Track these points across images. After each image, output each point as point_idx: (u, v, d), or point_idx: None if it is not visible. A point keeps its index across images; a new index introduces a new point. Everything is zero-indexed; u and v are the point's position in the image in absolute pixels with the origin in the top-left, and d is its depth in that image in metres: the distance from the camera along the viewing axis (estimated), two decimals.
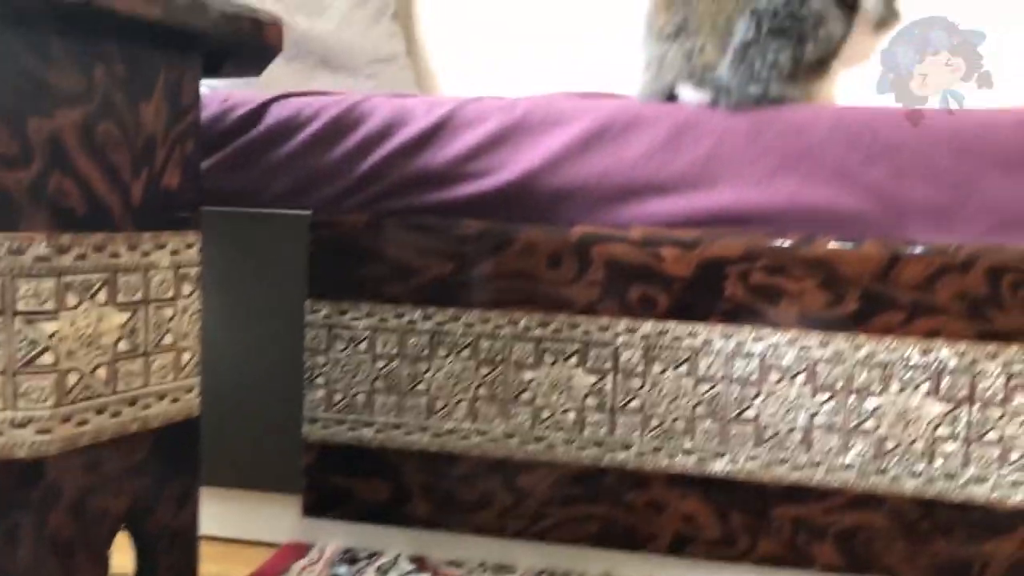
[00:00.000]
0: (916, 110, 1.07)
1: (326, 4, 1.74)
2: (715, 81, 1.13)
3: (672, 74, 1.18)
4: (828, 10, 1.14)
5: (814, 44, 1.13)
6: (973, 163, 1.06)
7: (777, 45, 1.11)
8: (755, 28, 1.12)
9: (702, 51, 1.15)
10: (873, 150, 1.07)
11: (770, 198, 1.09)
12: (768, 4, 1.12)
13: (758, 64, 1.11)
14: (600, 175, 1.13)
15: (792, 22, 1.12)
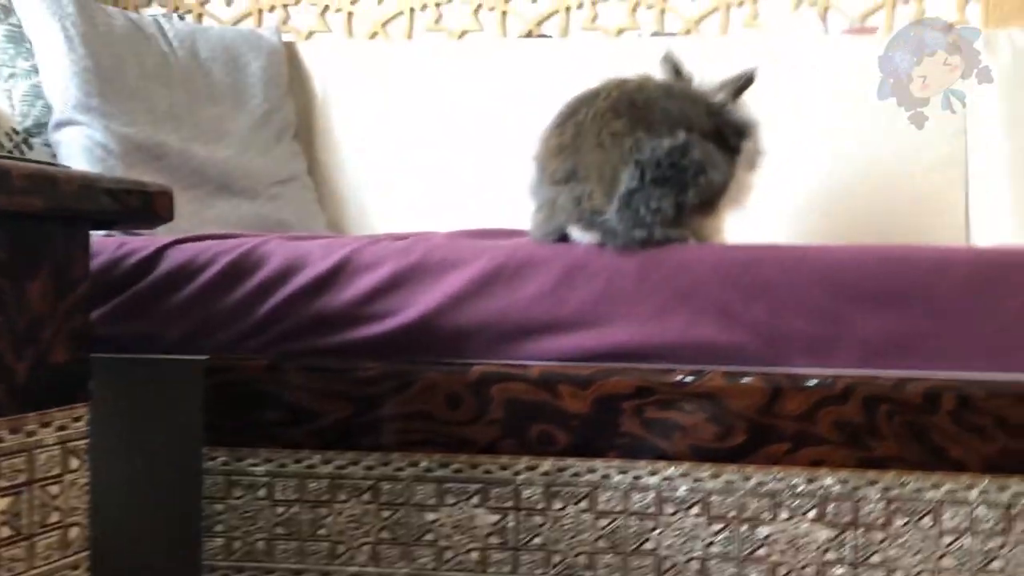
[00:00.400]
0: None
1: (225, 131, 1.75)
2: (603, 225, 1.17)
3: (563, 216, 1.22)
4: (709, 158, 1.21)
5: (696, 190, 1.19)
6: (845, 299, 1.12)
7: (660, 193, 1.16)
8: (639, 178, 1.17)
9: (591, 197, 1.19)
10: (753, 288, 1.13)
11: (660, 335, 1.14)
12: (651, 155, 1.17)
13: (643, 210, 1.16)
14: (497, 315, 1.15)
15: (674, 172, 1.17)
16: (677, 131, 1.20)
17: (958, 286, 1.10)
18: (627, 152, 1.18)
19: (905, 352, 1.11)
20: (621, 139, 1.19)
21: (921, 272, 1.11)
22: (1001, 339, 1.10)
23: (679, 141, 1.19)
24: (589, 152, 1.20)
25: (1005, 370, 1.10)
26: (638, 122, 1.20)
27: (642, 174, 1.16)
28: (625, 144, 1.19)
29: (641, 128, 1.20)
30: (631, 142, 1.19)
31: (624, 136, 1.19)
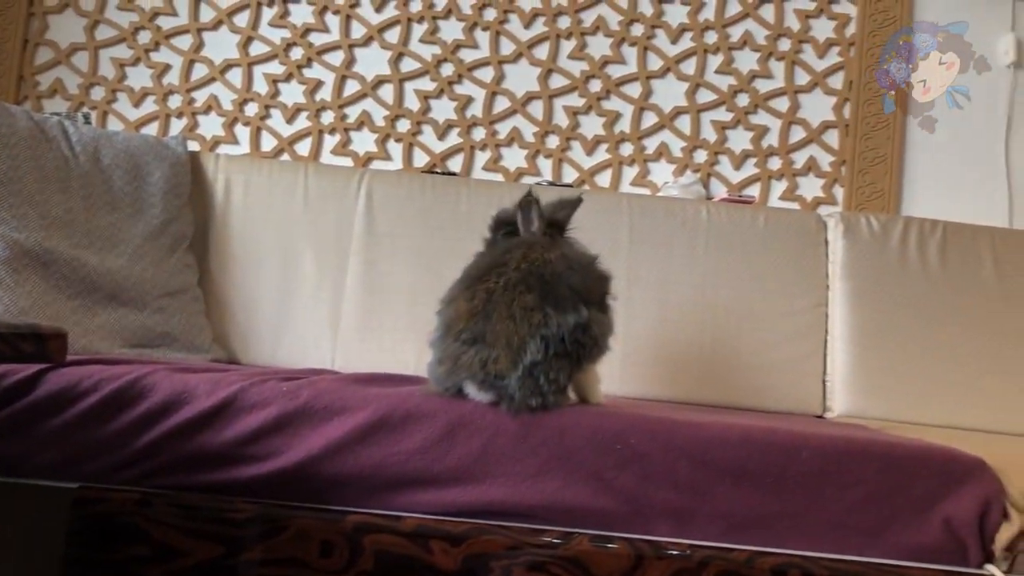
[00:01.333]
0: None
1: (119, 239, 1.74)
2: (504, 389, 1.22)
3: (465, 373, 1.25)
4: (603, 330, 1.30)
5: (589, 362, 1.28)
6: (709, 473, 1.19)
7: (559, 365, 1.23)
8: (543, 351, 1.22)
9: (496, 361, 1.23)
10: (624, 456, 1.19)
11: (534, 496, 1.18)
12: (557, 330, 1.23)
13: (542, 380, 1.21)
14: (377, 465, 1.17)
15: (575, 347, 1.24)
16: (580, 307, 1.26)
17: (806, 471, 1.19)
18: (535, 326, 1.23)
19: (759, 528, 1.19)
20: (530, 313, 1.24)
21: (777, 453, 1.20)
22: (843, 522, 1.18)
23: (582, 318, 1.25)
24: (499, 321, 1.24)
25: (846, 552, 1.18)
26: (546, 297, 1.26)
27: (547, 348, 1.22)
28: (534, 318, 1.23)
29: (549, 304, 1.25)
30: (540, 316, 1.23)
31: (533, 310, 1.24)
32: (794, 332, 2.00)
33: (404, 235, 2.00)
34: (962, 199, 2.48)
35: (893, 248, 2.04)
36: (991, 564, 1.18)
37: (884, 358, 1.97)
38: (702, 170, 2.48)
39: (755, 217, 2.06)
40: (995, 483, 1.19)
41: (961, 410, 1.92)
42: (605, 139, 2.47)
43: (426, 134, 2.47)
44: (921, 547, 1.18)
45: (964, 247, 2.05)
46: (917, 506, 1.19)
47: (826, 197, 2.49)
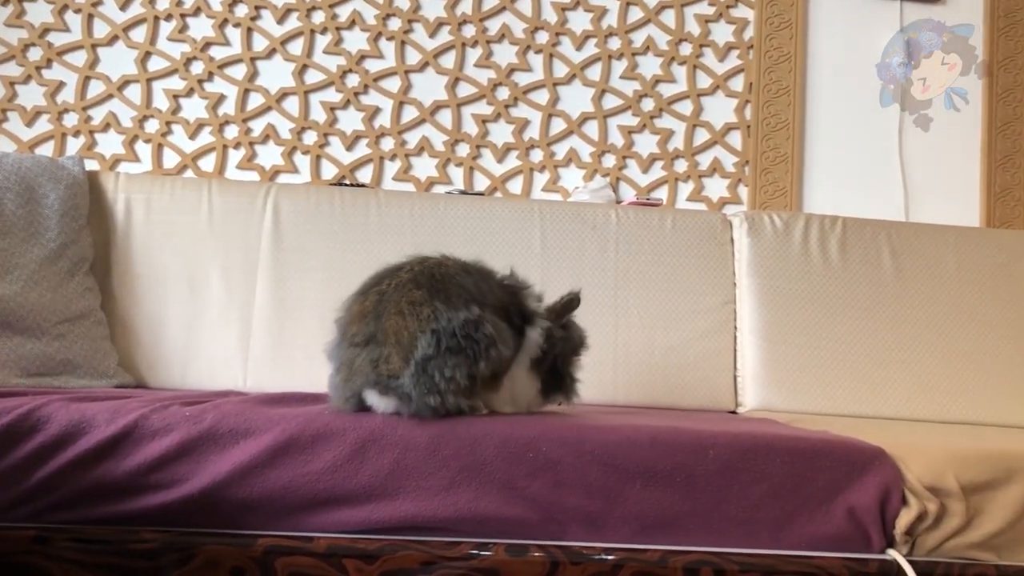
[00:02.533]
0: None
1: (12, 265, 1.67)
2: (399, 390, 1.22)
3: (360, 379, 1.25)
4: (500, 333, 1.29)
5: (487, 362, 1.27)
6: (619, 476, 1.21)
7: (454, 362, 1.22)
8: (435, 345, 1.22)
9: (387, 360, 1.23)
10: (536, 464, 1.20)
11: (447, 508, 1.17)
12: (448, 324, 1.24)
13: (437, 376, 1.21)
14: (287, 487, 1.15)
15: (468, 342, 1.24)
16: (471, 305, 1.28)
17: (713, 469, 1.21)
18: (424, 320, 1.23)
19: (670, 528, 1.21)
20: (419, 307, 1.25)
21: (685, 453, 1.22)
22: (751, 517, 1.21)
23: (472, 315, 1.26)
24: (389, 319, 1.25)
25: (754, 546, 1.21)
26: (436, 293, 1.27)
27: (438, 342, 1.22)
28: (423, 312, 1.24)
29: (439, 299, 1.26)
30: (429, 310, 1.24)
31: (422, 305, 1.25)
32: (705, 330, 2.04)
33: (314, 250, 1.97)
34: (861, 195, 2.57)
35: (796, 244, 2.10)
36: (892, 549, 1.22)
37: (791, 352, 2.02)
38: (611, 174, 2.51)
39: (663, 219, 2.10)
40: (894, 471, 1.23)
41: (865, 399, 1.99)
42: (515, 146, 2.48)
43: (334, 146, 2.44)
44: (826, 536, 1.22)
45: (863, 241, 2.12)
46: (821, 497, 1.22)
47: (731, 197, 2.54)
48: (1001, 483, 1.21)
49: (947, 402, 2.02)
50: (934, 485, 1.21)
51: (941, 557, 1.22)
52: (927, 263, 2.12)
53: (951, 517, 1.20)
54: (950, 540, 1.21)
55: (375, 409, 1.26)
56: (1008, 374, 2.06)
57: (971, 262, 2.14)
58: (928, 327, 2.08)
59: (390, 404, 1.24)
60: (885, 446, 1.27)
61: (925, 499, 1.20)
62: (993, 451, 1.25)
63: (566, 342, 1.43)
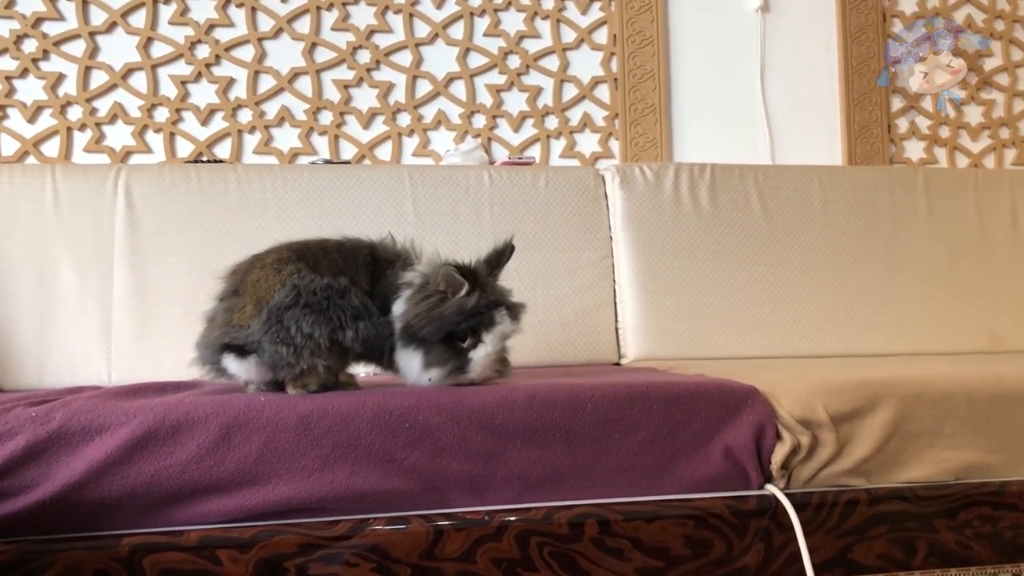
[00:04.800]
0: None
1: None
2: (250, 340, 1.22)
3: (218, 331, 1.26)
4: (367, 310, 1.28)
5: (354, 333, 1.25)
6: (498, 438, 1.20)
7: (314, 319, 1.22)
8: (293, 297, 1.23)
9: (242, 309, 1.25)
10: (414, 434, 1.17)
11: (324, 487, 1.14)
12: (309, 284, 1.24)
13: (293, 329, 1.21)
14: (150, 481, 1.10)
15: (331, 305, 1.24)
16: (339, 276, 1.27)
17: (591, 422, 1.22)
18: (287, 275, 1.25)
19: (554, 484, 1.21)
20: (284, 264, 1.27)
21: (563, 409, 1.22)
22: (631, 466, 1.23)
23: (339, 284, 1.26)
24: (252, 272, 1.28)
25: (637, 494, 1.23)
26: (304, 258, 1.28)
27: (297, 295, 1.23)
28: (286, 268, 1.26)
29: (305, 262, 1.27)
30: (293, 267, 1.26)
31: (288, 263, 1.27)
32: (584, 285, 2.06)
33: (173, 231, 1.89)
34: (728, 142, 2.63)
35: (667, 194, 2.13)
36: (770, 484, 1.25)
37: (669, 301, 2.06)
38: (482, 135, 2.49)
39: (536, 177, 2.10)
40: (767, 408, 1.26)
41: (741, 341, 2.05)
42: (380, 111, 2.43)
43: (188, 121, 2.33)
44: (706, 478, 1.24)
45: (732, 187, 2.17)
46: (698, 440, 1.25)
47: (603, 151, 2.56)
48: (867, 410, 1.26)
49: (819, 337, 2.10)
50: (805, 418, 1.25)
51: (816, 487, 1.26)
52: (794, 204, 2.19)
53: (823, 447, 1.24)
54: (823, 470, 1.25)
55: (237, 377, 1.27)
56: (874, 306, 2.15)
57: (835, 200, 2.21)
58: (798, 266, 2.15)
59: (249, 367, 1.24)
60: (757, 384, 1.30)
61: (798, 432, 1.24)
62: (859, 380, 1.29)
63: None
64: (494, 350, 1.30)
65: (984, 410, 1.31)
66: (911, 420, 1.28)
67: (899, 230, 2.22)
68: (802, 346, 2.08)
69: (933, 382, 1.31)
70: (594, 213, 2.11)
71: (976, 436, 1.31)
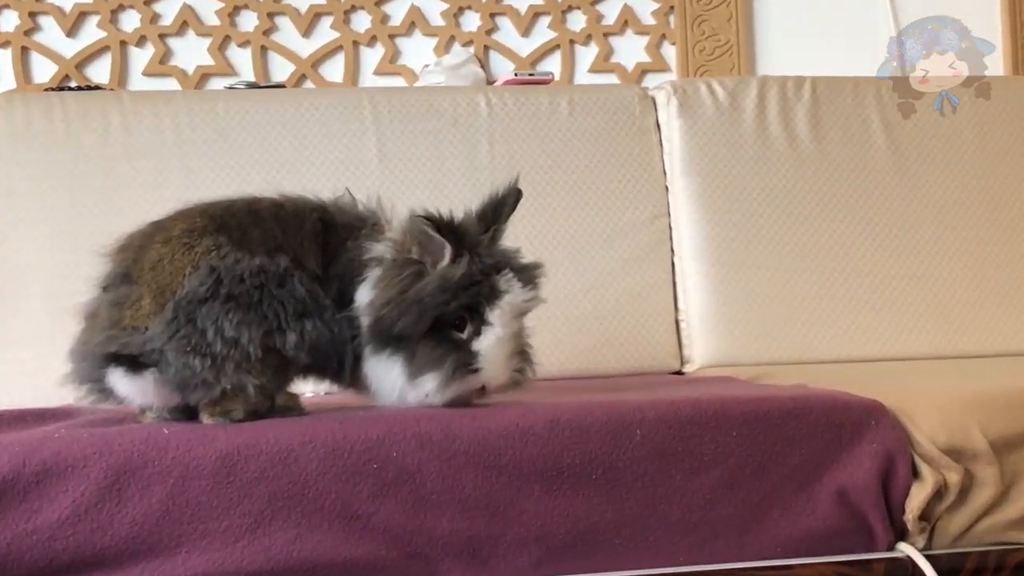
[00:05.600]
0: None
1: None
2: (147, 348, 1.22)
3: (101, 334, 1.25)
4: (316, 302, 1.28)
5: (299, 338, 1.26)
6: (508, 482, 1.20)
7: (240, 318, 1.22)
8: (211, 286, 1.22)
9: (137, 303, 1.24)
10: (385, 478, 1.18)
11: (256, 557, 1.15)
12: (234, 266, 1.24)
13: (211, 333, 1.21)
14: (4, 555, 1.11)
15: (264, 297, 1.24)
16: (277, 256, 1.27)
17: (642, 458, 1.22)
18: (201, 253, 1.24)
19: (589, 547, 1.22)
20: (198, 238, 1.26)
21: (600, 439, 1.22)
22: (703, 519, 1.23)
23: (278, 267, 1.26)
24: (152, 249, 1.26)
25: (712, 558, 1.24)
26: (226, 230, 1.28)
27: (217, 282, 1.22)
28: (201, 244, 1.26)
29: (227, 234, 1.27)
30: (211, 242, 1.26)
31: (202, 236, 1.26)
32: (628, 259, 2.07)
33: (28, 191, 1.90)
34: (835, 47, 2.62)
35: (748, 123, 2.14)
36: (904, 541, 1.26)
37: (751, 281, 2.06)
38: (476, 42, 2.48)
39: (555, 102, 2.10)
40: (897, 432, 1.26)
41: (858, 335, 2.05)
42: (326, 9, 2.43)
43: (48, 31, 2.34)
44: (811, 533, 1.25)
45: (844, 110, 2.18)
46: (799, 479, 1.25)
47: (654, 62, 2.56)
48: None
49: (974, 330, 2.10)
50: (954, 446, 1.25)
51: (971, 546, 1.27)
52: (936, 134, 2.19)
53: (981, 488, 1.25)
54: (981, 520, 1.25)
55: (128, 400, 1.28)
56: None
57: (998, 125, 2.21)
58: (943, 227, 2.15)
59: (146, 387, 1.24)
60: (883, 398, 1.30)
61: (943, 467, 1.24)
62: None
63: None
64: (507, 332, 1.29)
65: None
66: None
67: None
68: (949, 342, 2.08)
69: None
70: (642, 153, 2.12)
71: None
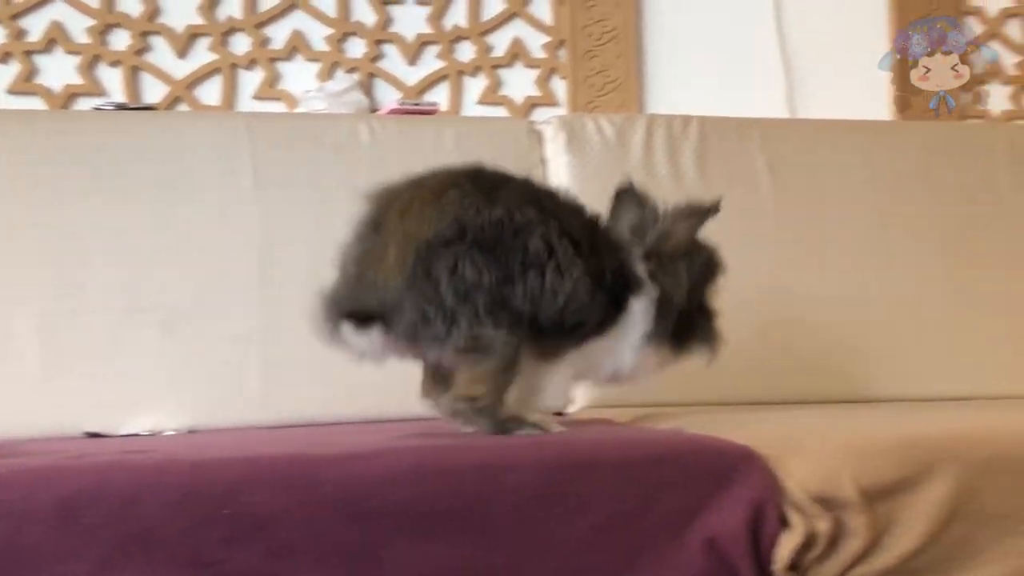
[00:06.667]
0: None
1: None
2: (382, 297, 1.30)
3: (343, 291, 1.35)
4: (569, 264, 1.35)
5: (523, 292, 1.32)
6: (373, 529, 1.18)
7: (484, 260, 1.29)
8: (457, 233, 1.29)
9: (383, 256, 1.32)
10: (239, 524, 1.15)
11: None
12: (477, 217, 1.30)
13: (445, 282, 1.28)
14: None
15: (500, 247, 1.30)
16: (526, 208, 1.34)
17: (514, 503, 1.20)
18: (451, 205, 1.31)
19: None
20: (444, 192, 1.33)
21: (471, 483, 1.20)
22: (572, 568, 1.22)
23: (523, 216, 1.33)
24: (401, 199, 1.35)
25: None
26: (478, 189, 1.34)
27: (460, 228, 1.29)
28: (449, 196, 1.32)
29: (479, 188, 1.34)
30: (456, 194, 1.32)
31: (451, 187, 1.34)
32: None
33: None
34: (725, 86, 2.65)
35: (635, 160, 2.15)
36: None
37: None
38: (361, 69, 2.48)
39: (440, 133, 2.10)
40: (767, 478, 1.26)
41: (741, 379, 2.05)
42: (204, 30, 2.40)
43: None
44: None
45: (730, 150, 2.20)
46: (670, 527, 1.24)
47: (543, 96, 2.57)
48: (916, 482, 1.26)
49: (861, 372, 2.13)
50: (825, 493, 1.25)
51: None
52: (819, 174, 2.22)
53: (851, 537, 1.24)
54: (851, 570, 1.25)
55: (354, 349, 1.38)
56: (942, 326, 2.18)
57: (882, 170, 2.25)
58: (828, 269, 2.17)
59: (367, 341, 1.34)
60: (757, 444, 1.30)
61: (813, 515, 1.24)
62: (906, 438, 1.31)
63: (686, 280, 1.51)
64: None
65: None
66: (980, 496, 1.28)
67: (972, 208, 2.25)
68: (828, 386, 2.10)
69: (1015, 439, 1.33)
70: None
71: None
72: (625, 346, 1.47)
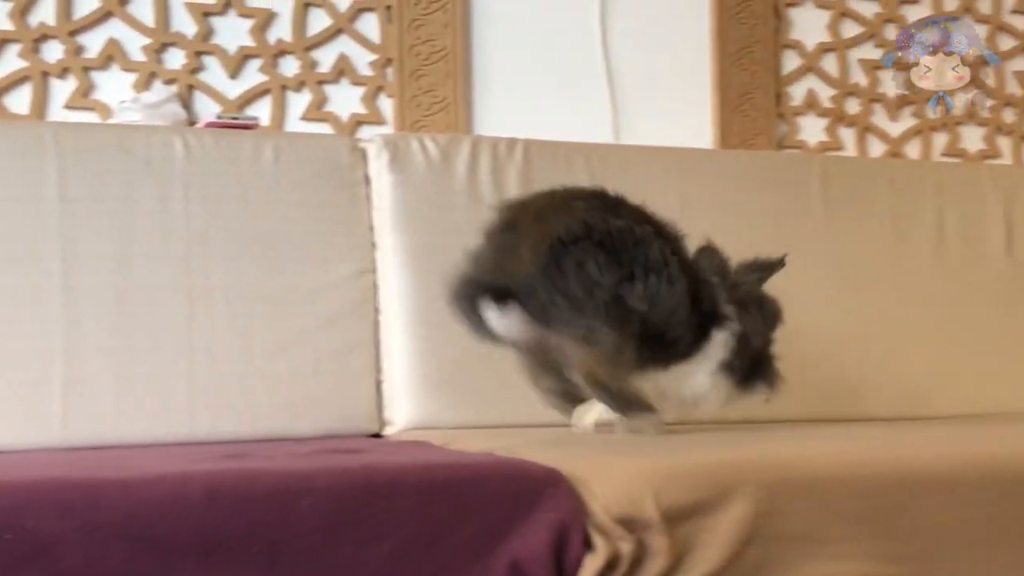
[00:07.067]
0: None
1: None
2: (518, 280, 1.47)
3: (481, 276, 1.55)
4: (672, 271, 1.52)
5: (643, 290, 1.48)
6: (159, 555, 1.14)
7: (605, 259, 1.46)
8: (584, 229, 1.48)
9: (517, 250, 1.51)
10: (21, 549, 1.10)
11: None
12: (602, 223, 1.50)
13: (574, 275, 1.45)
14: None
15: (622, 252, 1.48)
16: (644, 224, 1.55)
17: (311, 529, 1.19)
18: (578, 210, 1.52)
19: None
20: (573, 202, 1.56)
21: (263, 508, 1.18)
22: None
23: (642, 231, 1.52)
24: (537, 204, 1.60)
25: None
26: (604, 204, 1.58)
27: (588, 230, 1.48)
28: (577, 205, 1.54)
29: (605, 207, 1.56)
30: (583, 205, 1.54)
31: (578, 200, 1.57)
32: (331, 316, 2.06)
33: None
34: (553, 108, 2.67)
35: (460, 180, 2.16)
36: None
37: (458, 341, 2.01)
38: (180, 81, 2.42)
39: (260, 149, 2.08)
40: (572, 501, 1.27)
41: None
42: (13, 36, 2.33)
43: None
44: None
45: (554, 173, 2.20)
46: (474, 550, 1.24)
47: (369, 114, 2.55)
48: (715, 504, 1.28)
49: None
50: (628, 515, 1.25)
51: None
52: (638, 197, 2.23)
53: (652, 559, 1.25)
54: None
55: (493, 328, 1.55)
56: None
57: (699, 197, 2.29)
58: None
59: (505, 322, 1.51)
60: (564, 466, 1.31)
61: (616, 537, 1.24)
62: (707, 461, 1.33)
63: (760, 324, 1.70)
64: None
65: (884, 503, 1.37)
66: (779, 518, 1.31)
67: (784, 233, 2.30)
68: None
69: (810, 463, 1.36)
70: (349, 207, 2.12)
71: (873, 541, 1.36)
72: (702, 372, 1.63)
